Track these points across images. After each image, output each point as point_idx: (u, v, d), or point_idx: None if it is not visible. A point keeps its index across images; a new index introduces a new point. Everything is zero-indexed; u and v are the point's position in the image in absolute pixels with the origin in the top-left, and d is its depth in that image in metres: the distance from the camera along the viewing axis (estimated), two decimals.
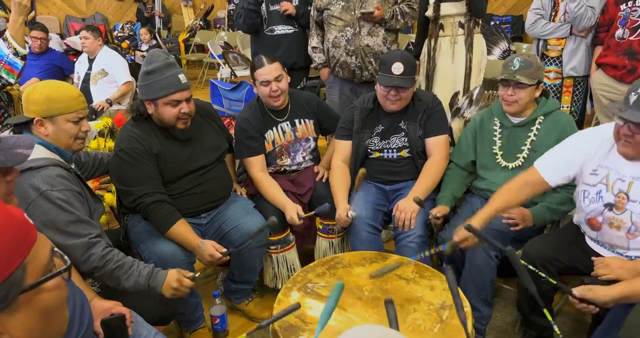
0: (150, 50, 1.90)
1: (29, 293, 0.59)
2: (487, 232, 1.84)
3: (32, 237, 0.62)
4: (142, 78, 1.79)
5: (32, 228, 0.63)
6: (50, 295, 0.62)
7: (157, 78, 1.75)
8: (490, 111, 2.11)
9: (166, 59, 1.77)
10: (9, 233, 0.59)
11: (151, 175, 1.81)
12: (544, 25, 2.99)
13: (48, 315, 0.63)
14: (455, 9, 2.69)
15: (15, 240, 0.59)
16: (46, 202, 1.40)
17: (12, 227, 0.60)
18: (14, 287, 0.58)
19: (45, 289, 0.62)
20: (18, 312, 0.59)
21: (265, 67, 2.10)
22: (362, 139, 2.15)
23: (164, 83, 1.75)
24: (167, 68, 1.76)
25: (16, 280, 0.58)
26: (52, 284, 0.63)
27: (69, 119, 1.54)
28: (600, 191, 1.57)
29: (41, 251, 0.62)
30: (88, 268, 1.45)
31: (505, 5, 6.28)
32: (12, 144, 1.10)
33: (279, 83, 2.12)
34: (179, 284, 1.52)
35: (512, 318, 2.08)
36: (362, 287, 1.57)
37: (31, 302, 0.60)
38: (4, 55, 1.99)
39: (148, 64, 1.77)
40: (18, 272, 0.58)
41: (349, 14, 2.68)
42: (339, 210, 2.02)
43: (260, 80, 2.12)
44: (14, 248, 0.59)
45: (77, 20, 8.91)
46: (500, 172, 2.03)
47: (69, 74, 4.21)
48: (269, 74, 2.10)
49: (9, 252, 0.58)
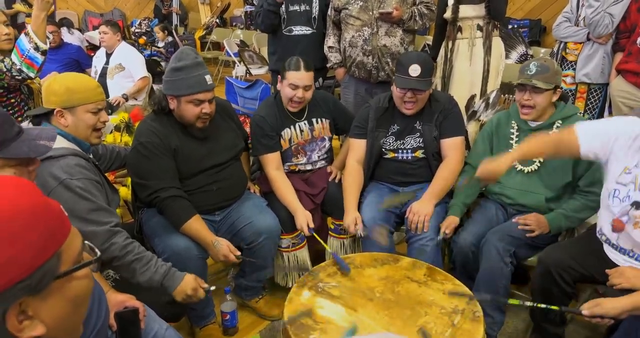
0: (181, 48, 1.92)
1: (61, 280, 0.63)
2: (503, 238, 1.83)
3: (67, 227, 0.66)
4: (169, 73, 1.81)
5: (67, 219, 0.66)
6: (80, 284, 0.66)
7: (184, 76, 1.77)
8: (508, 114, 2.09)
9: (195, 58, 1.80)
10: (47, 222, 0.62)
11: (168, 170, 1.82)
12: (566, 28, 2.97)
13: (76, 303, 0.66)
14: (474, 11, 2.67)
15: (53, 229, 0.63)
16: (66, 190, 1.42)
17: (51, 217, 0.63)
18: (49, 273, 0.61)
19: (76, 277, 0.65)
20: (50, 298, 0.62)
21: (301, 72, 2.09)
22: (377, 138, 2.14)
23: (190, 81, 1.77)
24: (195, 67, 1.78)
25: (51, 267, 0.61)
26: (82, 273, 0.66)
27: (88, 109, 1.56)
28: (629, 190, 1.54)
29: (74, 241, 0.66)
30: (107, 257, 1.47)
31: (523, 9, 6.21)
32: (35, 135, 1.12)
33: (305, 92, 2.12)
34: (193, 293, 1.55)
35: (524, 325, 2.06)
36: (373, 288, 1.57)
37: (62, 289, 0.63)
38: (26, 49, 2.02)
39: (177, 60, 1.79)
40: (54, 259, 0.62)
41: (367, 14, 2.68)
42: (347, 218, 2.01)
43: (290, 81, 2.10)
44: (52, 236, 0.62)
45: (95, 15, 9.02)
46: (516, 176, 2.01)
47: (85, 68, 4.26)
48: (301, 80, 2.09)
49: (46, 240, 0.61)
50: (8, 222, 0.58)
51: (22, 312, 0.59)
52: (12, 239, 0.58)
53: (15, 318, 0.58)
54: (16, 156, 1.14)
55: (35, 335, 0.60)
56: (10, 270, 0.57)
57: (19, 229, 0.59)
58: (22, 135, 1.16)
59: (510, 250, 1.82)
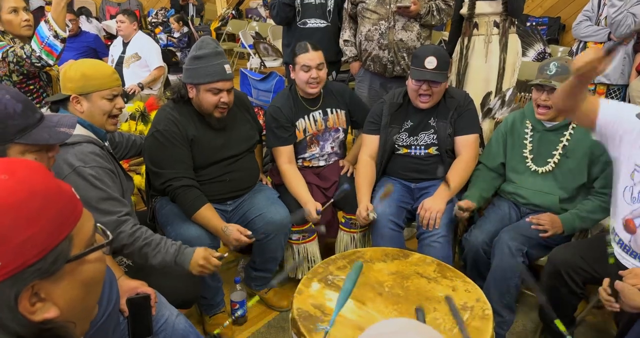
0: (202, 37, 1.94)
1: (73, 263, 0.63)
2: (515, 237, 1.82)
3: (79, 210, 0.65)
4: (189, 62, 1.83)
5: (78, 202, 0.66)
6: (92, 267, 0.66)
7: (204, 64, 1.79)
8: (522, 113, 2.06)
9: (215, 48, 1.82)
10: (59, 205, 0.62)
11: (183, 160, 1.84)
12: (586, 27, 2.92)
13: (88, 286, 0.66)
14: (491, 7, 2.64)
15: (64, 211, 0.62)
16: (78, 178, 1.44)
17: (63, 200, 0.63)
18: (61, 255, 0.61)
19: (88, 261, 0.65)
20: (62, 281, 0.62)
21: (310, 52, 2.12)
22: (390, 134, 2.14)
23: (209, 70, 1.79)
24: (215, 56, 1.80)
25: (63, 250, 0.61)
26: (94, 256, 0.66)
27: (104, 95, 1.57)
28: None
29: (86, 224, 0.66)
30: (117, 246, 1.49)
31: (542, 6, 6.12)
32: (55, 122, 1.14)
33: (319, 71, 2.14)
34: (205, 262, 1.56)
35: (534, 325, 2.05)
36: (382, 282, 1.57)
37: (74, 272, 0.63)
38: (45, 37, 2.04)
39: (197, 49, 1.81)
40: (65, 242, 0.62)
41: (384, 8, 2.66)
42: (360, 207, 2.01)
43: (302, 64, 2.13)
44: (64, 219, 0.62)
45: (113, 4, 9.07)
46: (530, 176, 1.99)
47: (102, 57, 4.30)
48: (312, 60, 2.11)
49: (58, 223, 0.61)
50: (23, 204, 0.58)
51: (34, 295, 0.60)
52: (27, 221, 0.58)
53: (27, 301, 0.59)
54: (37, 142, 1.15)
55: (49, 317, 0.61)
56: (25, 252, 0.57)
57: (34, 211, 0.59)
58: (43, 122, 1.18)
59: (523, 249, 1.81)
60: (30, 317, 0.59)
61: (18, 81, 2.15)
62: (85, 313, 0.69)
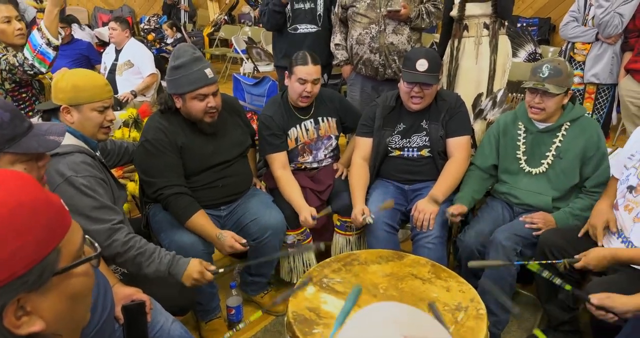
0: (178, 45, 1.93)
1: (60, 276, 0.61)
2: (509, 237, 1.83)
3: (67, 222, 0.64)
4: (170, 73, 1.82)
5: (67, 214, 0.65)
6: (79, 281, 0.64)
7: (184, 73, 1.77)
8: (514, 114, 2.08)
9: (193, 54, 1.80)
10: (47, 217, 0.61)
11: (173, 168, 1.84)
12: (574, 28, 2.94)
13: (76, 300, 0.65)
14: (481, 9, 2.66)
15: (52, 223, 0.61)
16: (70, 187, 1.44)
17: (51, 211, 0.62)
18: (48, 268, 0.60)
19: (75, 274, 0.64)
20: (49, 294, 0.61)
21: (309, 66, 2.10)
22: (383, 136, 2.15)
23: (191, 78, 1.77)
24: (194, 63, 1.78)
25: (50, 262, 0.60)
26: (81, 270, 0.65)
27: (94, 107, 1.56)
28: (629, 174, 1.57)
29: (74, 237, 0.65)
30: (110, 254, 1.49)
31: (532, 7, 6.17)
32: (44, 130, 1.14)
33: (314, 86, 2.14)
34: (200, 276, 1.55)
35: (529, 324, 2.06)
36: (377, 284, 1.58)
37: (61, 285, 0.62)
38: (38, 44, 2.04)
39: (175, 58, 1.80)
40: (53, 255, 0.60)
41: (375, 12, 2.68)
42: (355, 210, 2.02)
43: (298, 76, 2.11)
44: (51, 231, 0.61)
45: (105, 11, 9.07)
46: (523, 177, 2.01)
47: (95, 64, 4.29)
48: (309, 75, 2.10)
49: (46, 235, 0.60)
50: (10, 216, 0.57)
51: (20, 308, 0.58)
52: (14, 233, 0.57)
53: (12, 314, 0.57)
54: (26, 151, 1.15)
55: (35, 330, 0.59)
56: (12, 264, 0.56)
57: (21, 223, 0.57)
58: (32, 131, 1.18)
59: (517, 249, 1.82)
60: (15, 331, 0.58)
61: (10, 89, 2.15)
62: (74, 324, 0.67)
